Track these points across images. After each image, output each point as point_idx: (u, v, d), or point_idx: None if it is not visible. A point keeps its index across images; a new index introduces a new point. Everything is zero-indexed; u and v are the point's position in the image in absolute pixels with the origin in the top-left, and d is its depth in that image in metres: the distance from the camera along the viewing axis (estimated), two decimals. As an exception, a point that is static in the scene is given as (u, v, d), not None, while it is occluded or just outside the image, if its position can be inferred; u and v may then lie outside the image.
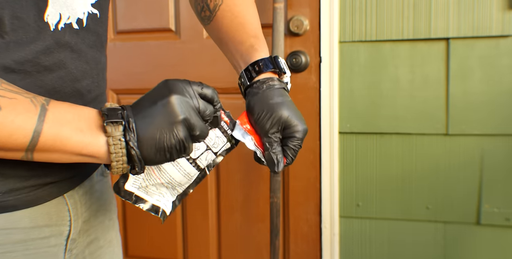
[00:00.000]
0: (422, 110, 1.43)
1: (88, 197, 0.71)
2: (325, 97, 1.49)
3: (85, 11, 0.63)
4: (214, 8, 0.73)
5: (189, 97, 0.54)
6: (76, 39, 0.62)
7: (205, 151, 0.59)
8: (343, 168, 1.52)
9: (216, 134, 0.59)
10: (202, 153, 0.59)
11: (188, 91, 0.55)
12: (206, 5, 0.73)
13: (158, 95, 0.54)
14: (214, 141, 0.59)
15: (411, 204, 1.47)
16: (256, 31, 0.72)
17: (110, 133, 0.52)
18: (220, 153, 0.62)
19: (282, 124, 0.65)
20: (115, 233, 0.80)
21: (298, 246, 1.60)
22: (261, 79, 0.68)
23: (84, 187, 0.70)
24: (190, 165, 0.59)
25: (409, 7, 1.40)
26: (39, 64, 0.57)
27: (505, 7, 1.33)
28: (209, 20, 0.73)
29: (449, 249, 1.46)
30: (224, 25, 0.72)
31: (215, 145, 0.59)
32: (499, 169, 1.39)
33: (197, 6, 0.75)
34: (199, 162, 0.59)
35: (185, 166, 0.59)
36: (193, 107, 0.54)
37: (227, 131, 0.59)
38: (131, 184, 0.59)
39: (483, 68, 1.37)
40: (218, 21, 0.73)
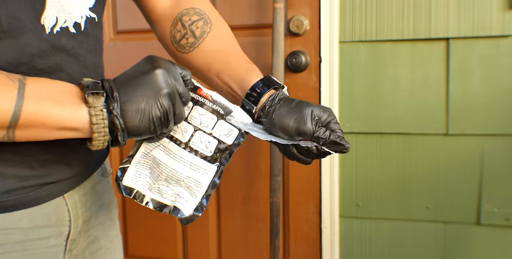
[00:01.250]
0: (422, 110, 1.43)
1: (89, 197, 0.70)
2: (325, 97, 1.49)
3: (83, 15, 0.62)
4: (201, 35, 0.71)
5: (173, 74, 0.54)
6: (74, 43, 0.61)
7: (194, 132, 0.56)
8: (343, 168, 1.52)
9: (199, 112, 0.56)
10: (192, 135, 0.56)
11: (172, 69, 0.55)
12: (191, 31, 0.70)
13: (143, 68, 0.54)
14: (200, 120, 0.56)
15: (411, 204, 1.47)
16: (248, 59, 0.71)
17: (92, 103, 0.51)
18: (221, 135, 0.57)
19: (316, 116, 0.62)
20: (115, 233, 0.80)
21: (298, 246, 1.60)
22: (270, 97, 0.65)
23: (84, 187, 0.69)
24: (185, 150, 0.56)
25: (409, 7, 1.40)
26: (35, 67, 0.57)
27: (505, 7, 1.33)
28: (191, 47, 0.71)
29: (449, 249, 1.46)
30: (214, 51, 0.70)
31: (204, 124, 0.56)
32: (499, 169, 1.39)
33: (176, 33, 0.71)
34: (193, 145, 0.56)
35: (181, 154, 0.56)
36: (175, 84, 0.54)
37: (213, 107, 0.56)
38: (129, 181, 0.57)
39: (483, 68, 1.37)
40: (205, 48, 0.70)
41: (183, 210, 0.56)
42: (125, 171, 0.58)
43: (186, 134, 0.56)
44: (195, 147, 0.56)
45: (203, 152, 0.57)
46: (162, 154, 0.57)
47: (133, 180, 0.57)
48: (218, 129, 0.57)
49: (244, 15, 1.57)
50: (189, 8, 0.71)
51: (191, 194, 0.57)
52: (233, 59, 0.70)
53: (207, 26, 0.70)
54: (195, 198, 0.57)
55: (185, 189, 0.57)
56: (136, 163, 0.58)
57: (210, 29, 0.71)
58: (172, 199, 0.57)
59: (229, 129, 0.57)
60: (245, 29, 1.58)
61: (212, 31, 0.71)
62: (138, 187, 0.57)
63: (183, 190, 0.57)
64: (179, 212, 0.56)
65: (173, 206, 0.57)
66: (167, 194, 0.57)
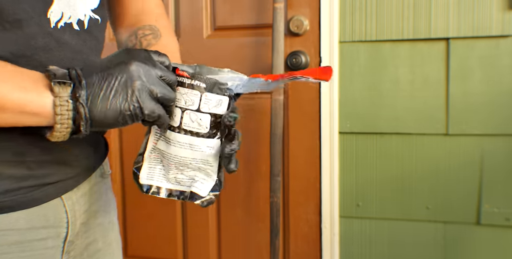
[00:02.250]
0: (422, 110, 1.43)
1: (87, 198, 0.70)
2: (325, 97, 1.49)
3: (87, 14, 0.63)
4: (146, 46, 0.75)
5: (151, 65, 0.53)
6: (77, 40, 0.62)
7: (182, 113, 0.55)
8: (343, 168, 1.52)
9: (181, 92, 0.54)
10: (182, 117, 0.55)
11: (148, 58, 0.54)
12: (139, 42, 0.75)
13: (117, 59, 0.53)
14: (183, 99, 0.54)
15: (411, 204, 1.47)
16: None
17: (57, 93, 0.50)
18: (211, 108, 0.55)
19: None
20: (114, 235, 0.79)
21: (298, 246, 1.60)
22: None
23: (82, 188, 0.69)
24: (180, 134, 0.55)
25: (409, 7, 1.40)
26: (37, 60, 0.57)
27: (505, 7, 1.33)
28: None
29: (449, 249, 1.46)
30: None
31: (189, 102, 0.54)
32: (499, 169, 1.39)
33: (129, 43, 0.77)
34: (186, 127, 0.55)
35: (178, 138, 0.55)
36: (155, 74, 0.53)
37: (193, 83, 0.54)
38: (145, 179, 0.57)
39: (483, 68, 1.37)
40: None
41: (199, 193, 0.55)
42: (139, 169, 0.57)
43: (176, 118, 0.55)
44: (189, 128, 0.55)
45: (199, 130, 0.55)
46: (164, 144, 0.56)
47: (148, 177, 0.57)
48: (205, 104, 0.54)
49: (244, 15, 1.57)
50: (145, 25, 0.77)
51: (205, 174, 0.56)
52: None
53: (155, 40, 0.76)
54: (210, 177, 0.57)
55: (198, 171, 0.56)
56: (148, 160, 0.58)
57: (156, 42, 0.75)
58: (188, 185, 0.56)
59: (218, 100, 0.55)
60: (245, 29, 1.58)
61: (156, 44, 0.75)
62: (155, 183, 0.57)
63: (196, 173, 0.56)
64: (194, 196, 0.56)
65: (190, 192, 0.56)
66: (183, 181, 0.57)
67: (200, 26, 1.61)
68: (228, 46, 1.59)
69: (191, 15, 1.62)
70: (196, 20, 1.62)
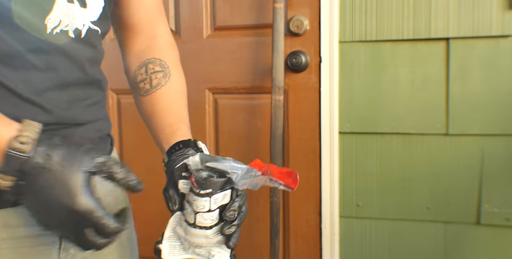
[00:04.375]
0: (422, 110, 1.43)
1: None
2: (325, 97, 1.49)
3: (85, 24, 0.65)
4: (156, 86, 0.77)
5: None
6: (72, 46, 0.63)
7: (195, 215, 0.60)
8: (343, 168, 1.52)
9: (193, 198, 0.60)
10: (195, 218, 0.60)
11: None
12: (149, 79, 0.78)
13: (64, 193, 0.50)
14: (195, 204, 0.60)
15: (411, 204, 1.47)
16: (184, 118, 0.77)
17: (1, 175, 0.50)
18: (222, 204, 0.61)
19: None
20: (127, 235, 0.81)
21: (298, 246, 1.60)
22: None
23: None
24: (196, 229, 0.61)
25: (409, 7, 1.40)
26: (29, 62, 0.58)
27: (505, 7, 1.33)
28: (146, 93, 0.78)
29: (449, 249, 1.46)
30: (160, 104, 0.77)
31: (200, 207, 0.60)
32: (499, 169, 1.39)
33: (139, 75, 0.79)
34: (200, 224, 0.61)
35: (194, 231, 0.61)
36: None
37: (200, 192, 0.59)
38: (167, 254, 0.63)
39: (483, 68, 1.37)
40: (154, 99, 0.77)
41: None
42: (161, 246, 0.63)
43: (191, 217, 0.61)
44: (203, 224, 0.61)
45: (211, 223, 0.61)
46: (182, 231, 0.63)
47: (170, 253, 0.63)
48: (214, 203, 0.60)
49: (244, 15, 1.57)
50: (156, 58, 0.79)
51: (222, 248, 0.63)
52: (170, 116, 0.77)
53: (164, 80, 0.78)
54: (226, 251, 0.63)
55: (215, 246, 0.63)
56: (168, 238, 0.64)
57: (165, 83, 0.77)
58: (207, 256, 0.63)
59: (223, 195, 0.60)
60: (245, 29, 1.58)
61: (165, 85, 0.77)
62: (176, 257, 0.63)
63: (212, 247, 0.63)
64: None
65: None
66: (202, 253, 0.63)
67: (200, 26, 1.61)
68: (228, 46, 1.59)
69: (191, 15, 1.62)
70: (196, 20, 1.62)
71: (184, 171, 0.62)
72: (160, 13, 0.83)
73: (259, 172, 0.61)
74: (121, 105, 1.74)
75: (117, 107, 1.74)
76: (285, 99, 1.53)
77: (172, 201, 0.61)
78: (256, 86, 1.58)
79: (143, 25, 0.81)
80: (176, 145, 0.69)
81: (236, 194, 0.61)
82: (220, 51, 1.61)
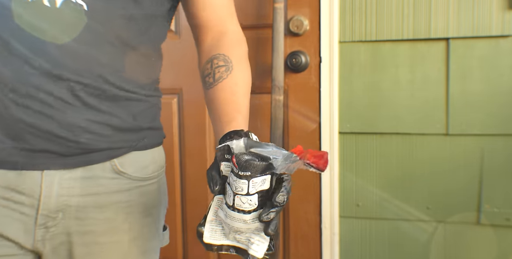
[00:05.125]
0: (422, 110, 1.43)
1: (80, 185, 0.74)
2: (325, 97, 1.49)
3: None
4: (218, 79, 0.80)
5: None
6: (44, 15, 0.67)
7: (234, 196, 0.61)
8: (343, 168, 1.52)
9: (233, 179, 0.61)
10: (234, 199, 0.61)
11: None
12: (213, 73, 0.81)
13: None
14: (235, 185, 0.61)
15: (411, 204, 1.47)
16: (242, 109, 0.80)
17: None
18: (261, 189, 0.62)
19: None
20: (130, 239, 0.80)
21: (298, 246, 1.60)
22: None
23: (74, 173, 0.73)
24: (234, 212, 0.62)
25: (409, 7, 1.40)
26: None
27: (505, 7, 1.33)
28: (210, 86, 0.81)
29: (449, 249, 1.46)
30: (221, 96, 0.79)
31: (239, 189, 0.61)
32: (499, 169, 1.39)
33: (205, 70, 0.83)
34: (238, 206, 0.62)
35: (233, 215, 0.62)
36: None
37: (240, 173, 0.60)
38: (208, 237, 0.64)
39: (483, 68, 1.37)
40: (216, 91, 0.80)
41: (256, 255, 0.63)
42: (203, 229, 0.64)
43: (230, 199, 0.62)
44: (241, 208, 0.61)
45: (249, 208, 0.61)
46: (223, 214, 0.63)
47: (211, 237, 0.64)
48: (253, 187, 0.61)
49: (244, 15, 1.57)
50: (221, 54, 0.82)
51: (261, 237, 0.63)
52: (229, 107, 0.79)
53: (226, 73, 0.80)
54: (265, 239, 0.63)
55: (254, 234, 0.63)
56: (210, 221, 0.64)
57: (227, 76, 0.80)
58: (246, 244, 0.63)
59: (262, 179, 0.61)
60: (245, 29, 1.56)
61: (227, 78, 0.80)
62: (217, 241, 0.64)
63: (251, 235, 0.63)
64: (248, 257, 0.63)
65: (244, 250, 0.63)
66: (241, 240, 0.64)
67: (200, 26, 1.61)
68: (228, 46, 1.59)
69: (191, 15, 1.62)
70: (196, 20, 1.62)
71: (227, 153, 0.62)
72: (229, 11, 0.87)
73: (298, 157, 0.61)
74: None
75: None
76: (285, 99, 1.53)
77: (214, 182, 0.62)
78: (256, 86, 1.57)
79: (213, 23, 0.86)
80: (228, 134, 0.70)
81: (283, 179, 0.61)
82: (220, 51, 1.60)
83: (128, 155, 0.78)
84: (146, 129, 0.80)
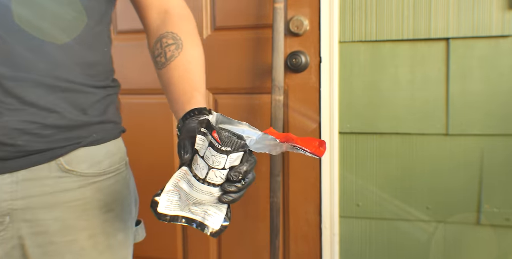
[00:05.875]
0: (422, 110, 1.43)
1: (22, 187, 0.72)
2: (325, 97, 1.49)
3: None
4: (170, 58, 0.79)
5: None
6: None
7: (209, 170, 0.62)
8: (343, 168, 1.52)
9: (211, 153, 0.61)
10: (207, 173, 0.62)
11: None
12: (164, 52, 0.80)
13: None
14: (212, 159, 0.61)
15: (411, 204, 1.47)
16: (199, 86, 0.79)
17: None
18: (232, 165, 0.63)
19: None
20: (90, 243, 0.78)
21: (298, 246, 1.60)
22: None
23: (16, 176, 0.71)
24: (204, 184, 0.63)
25: (409, 7, 1.40)
26: None
27: (505, 7, 1.33)
28: (162, 66, 0.80)
29: (449, 249, 1.46)
30: (175, 75, 0.79)
31: (216, 163, 0.61)
32: (499, 169, 1.39)
33: (155, 50, 0.81)
34: (210, 180, 0.63)
35: (201, 187, 0.63)
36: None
37: (221, 148, 0.61)
38: (163, 207, 0.63)
39: (483, 68, 1.37)
40: (169, 70, 0.80)
41: (211, 226, 0.63)
42: (158, 199, 0.64)
43: (203, 171, 0.62)
44: (212, 181, 0.63)
45: (220, 181, 0.63)
46: (186, 186, 0.64)
47: (166, 207, 0.63)
48: (229, 162, 0.62)
49: (244, 15, 1.57)
50: (169, 32, 0.81)
51: (217, 209, 0.64)
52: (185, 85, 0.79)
53: (177, 51, 0.80)
54: (221, 211, 0.65)
55: (211, 206, 0.64)
56: (167, 192, 0.64)
57: (179, 54, 0.80)
58: (202, 216, 0.64)
59: (237, 156, 0.62)
60: (245, 29, 1.58)
61: (179, 56, 0.80)
62: (171, 212, 0.63)
63: (209, 207, 0.64)
64: (205, 228, 0.63)
65: (199, 222, 0.64)
66: (197, 211, 0.64)
67: (200, 26, 1.61)
68: (228, 46, 1.60)
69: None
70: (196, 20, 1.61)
71: (204, 127, 0.62)
72: None
73: (277, 140, 0.62)
74: (121, 105, 1.74)
75: (117, 107, 1.75)
76: (285, 99, 1.53)
77: (185, 150, 0.62)
78: (256, 86, 1.58)
79: (153, 1, 0.84)
80: (191, 111, 0.70)
81: (247, 159, 0.62)
82: (220, 51, 1.61)
83: (76, 152, 0.75)
84: (95, 124, 0.77)
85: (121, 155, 0.84)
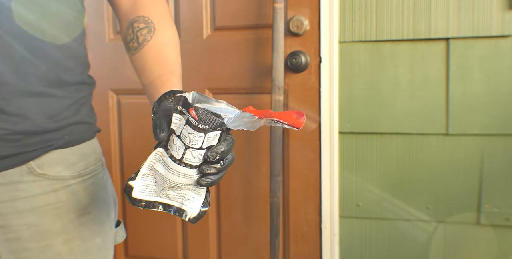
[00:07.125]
0: (422, 110, 1.43)
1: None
2: (325, 97, 1.49)
3: None
4: (142, 42, 0.78)
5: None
6: None
7: (185, 150, 0.59)
8: (343, 168, 1.52)
9: (188, 131, 0.59)
10: (184, 153, 0.59)
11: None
12: (136, 37, 0.78)
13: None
14: (189, 138, 0.59)
15: (411, 204, 1.47)
16: (174, 69, 0.77)
17: None
18: (210, 145, 0.60)
19: None
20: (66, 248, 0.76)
21: (298, 246, 1.60)
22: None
23: None
24: (180, 166, 0.60)
25: (409, 7, 1.40)
26: None
27: (505, 7, 1.33)
28: (135, 51, 0.78)
29: (449, 249, 1.46)
30: (149, 59, 0.77)
31: (193, 142, 0.58)
32: (499, 169, 1.39)
33: (127, 36, 0.80)
34: (187, 161, 0.60)
35: (177, 169, 0.60)
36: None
37: (199, 126, 0.58)
38: (138, 192, 0.60)
39: (483, 68, 1.37)
40: (143, 54, 0.78)
41: (189, 211, 0.60)
42: (133, 184, 0.61)
43: (179, 152, 0.59)
44: (189, 162, 0.59)
45: (197, 163, 0.60)
46: (162, 168, 0.61)
47: (141, 192, 0.61)
48: (206, 142, 0.59)
49: (244, 15, 1.57)
50: (139, 16, 0.79)
51: (196, 193, 0.61)
52: (159, 68, 0.76)
53: (149, 35, 0.78)
54: (200, 196, 0.61)
55: (189, 190, 0.61)
56: (142, 176, 0.61)
57: (151, 37, 0.78)
58: (179, 201, 0.61)
59: (214, 135, 0.59)
60: (245, 29, 1.58)
61: (151, 40, 0.78)
62: (147, 197, 0.61)
63: (186, 191, 0.61)
64: (183, 213, 0.60)
65: (177, 207, 0.61)
66: (174, 197, 0.61)
67: (200, 26, 1.61)
68: (228, 46, 1.60)
69: (190, 15, 1.62)
70: (196, 20, 1.62)
71: (181, 105, 0.59)
72: None
73: (255, 116, 0.60)
74: (121, 105, 1.74)
75: (117, 107, 1.75)
76: (285, 99, 1.53)
77: (161, 128, 0.59)
78: (256, 86, 1.58)
79: None
80: (166, 93, 0.67)
81: (224, 138, 0.60)
82: (220, 51, 1.61)
83: (48, 155, 0.73)
84: (68, 126, 0.75)
85: (96, 156, 0.81)
